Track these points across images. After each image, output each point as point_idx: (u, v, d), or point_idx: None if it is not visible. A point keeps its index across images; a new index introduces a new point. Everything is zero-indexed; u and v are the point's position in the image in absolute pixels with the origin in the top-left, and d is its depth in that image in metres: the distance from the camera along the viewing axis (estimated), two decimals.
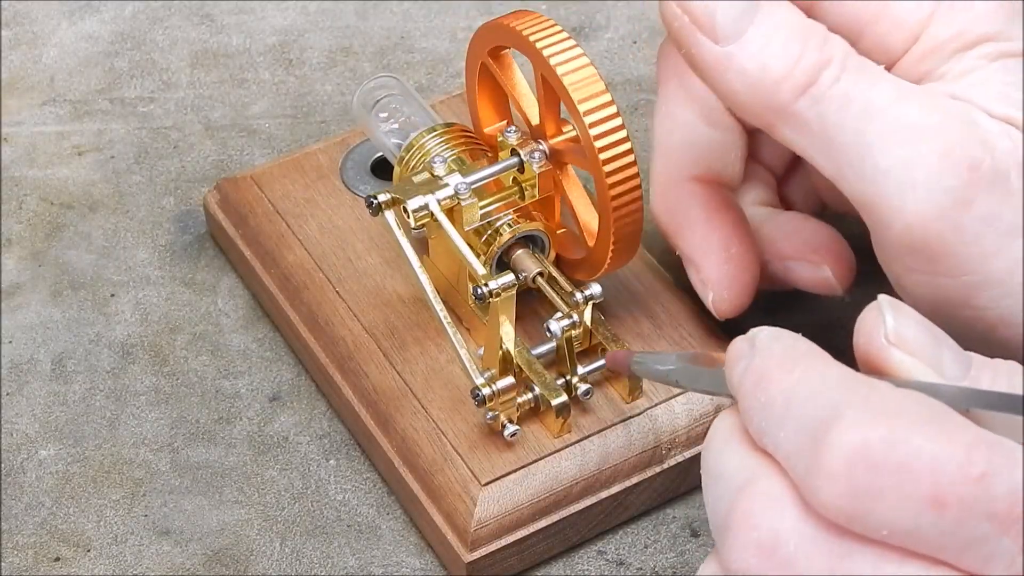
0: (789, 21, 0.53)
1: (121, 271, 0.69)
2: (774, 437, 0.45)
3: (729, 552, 0.45)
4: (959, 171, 0.52)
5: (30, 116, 0.75)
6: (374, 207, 0.60)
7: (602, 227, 0.59)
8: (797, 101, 0.52)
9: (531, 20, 0.58)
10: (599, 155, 0.56)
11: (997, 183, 0.52)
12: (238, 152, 0.73)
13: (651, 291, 0.64)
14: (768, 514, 0.44)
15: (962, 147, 0.52)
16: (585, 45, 0.58)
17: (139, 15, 0.79)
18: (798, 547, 0.44)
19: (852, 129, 0.52)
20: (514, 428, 0.58)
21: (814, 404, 0.44)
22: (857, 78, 0.53)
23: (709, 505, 0.47)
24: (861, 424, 0.43)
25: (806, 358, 0.46)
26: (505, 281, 0.58)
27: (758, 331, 0.47)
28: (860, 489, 0.42)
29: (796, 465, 0.44)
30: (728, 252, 0.60)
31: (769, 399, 0.45)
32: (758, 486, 0.45)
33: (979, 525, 0.42)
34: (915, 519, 0.42)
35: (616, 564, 0.60)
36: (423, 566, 0.60)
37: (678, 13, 0.53)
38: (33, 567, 0.60)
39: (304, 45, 0.78)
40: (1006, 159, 0.52)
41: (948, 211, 0.52)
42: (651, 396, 0.60)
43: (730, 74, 0.53)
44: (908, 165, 0.52)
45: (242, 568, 0.60)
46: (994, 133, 0.52)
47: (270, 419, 0.64)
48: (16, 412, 0.64)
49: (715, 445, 0.47)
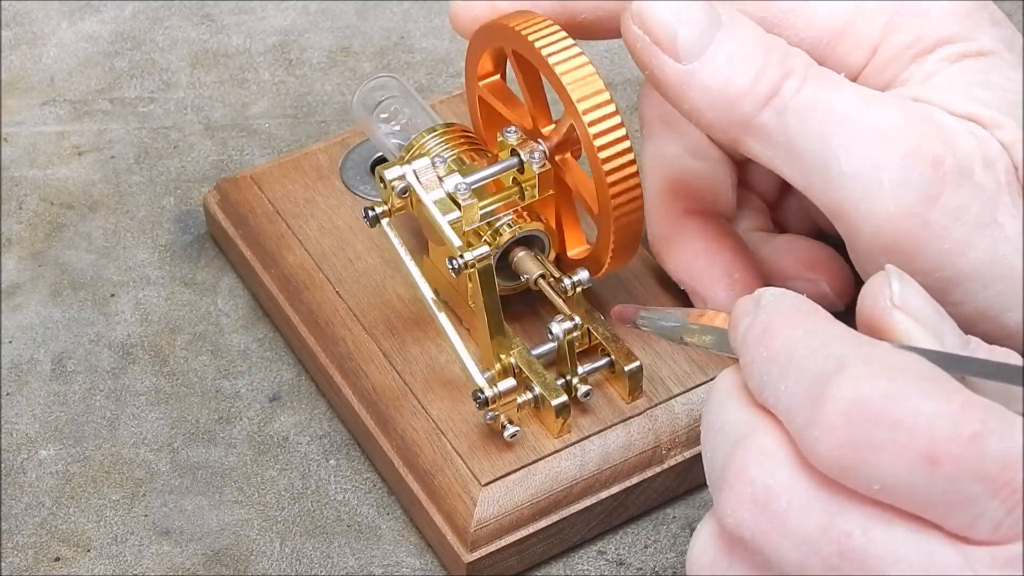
0: (750, 37, 0.54)
1: (121, 271, 0.69)
2: (775, 390, 0.46)
3: (723, 506, 0.46)
4: (923, 168, 0.53)
5: (30, 116, 0.75)
6: (370, 218, 0.60)
7: (602, 227, 0.59)
8: (761, 113, 0.53)
9: (531, 21, 0.58)
10: (599, 155, 0.56)
11: (962, 178, 0.53)
12: (238, 152, 0.73)
13: (651, 291, 0.64)
14: (763, 469, 0.45)
15: (925, 146, 0.53)
16: (585, 45, 0.58)
17: (139, 15, 0.79)
18: (791, 502, 0.45)
19: (816, 137, 0.53)
20: (514, 429, 0.58)
21: (816, 358, 0.45)
22: (819, 87, 0.53)
23: (707, 460, 0.48)
24: (861, 378, 0.44)
25: (810, 315, 0.47)
26: (480, 252, 0.58)
27: (764, 290, 0.48)
28: (856, 441, 0.43)
29: (795, 417, 0.45)
30: (732, 278, 0.61)
31: (772, 353, 0.46)
32: (755, 441, 0.46)
33: (970, 485, 0.43)
34: (908, 475, 0.43)
35: (616, 564, 0.60)
36: (423, 566, 0.60)
37: (639, 34, 0.54)
38: (33, 567, 0.60)
39: (304, 45, 0.78)
40: (969, 155, 0.53)
41: (915, 208, 0.53)
42: (651, 396, 0.60)
43: (693, 91, 0.53)
44: (873, 167, 0.53)
45: (242, 568, 0.60)
46: (956, 131, 0.54)
47: (270, 419, 0.64)
48: (16, 412, 0.64)
49: (715, 400, 0.48)
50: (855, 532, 0.44)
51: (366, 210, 0.60)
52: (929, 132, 0.53)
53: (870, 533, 0.44)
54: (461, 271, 0.58)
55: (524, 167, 0.60)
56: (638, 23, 0.54)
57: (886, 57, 0.56)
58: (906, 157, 0.53)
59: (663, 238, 0.62)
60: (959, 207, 0.53)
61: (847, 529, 0.44)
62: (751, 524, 0.45)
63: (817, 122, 0.53)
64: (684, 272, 0.61)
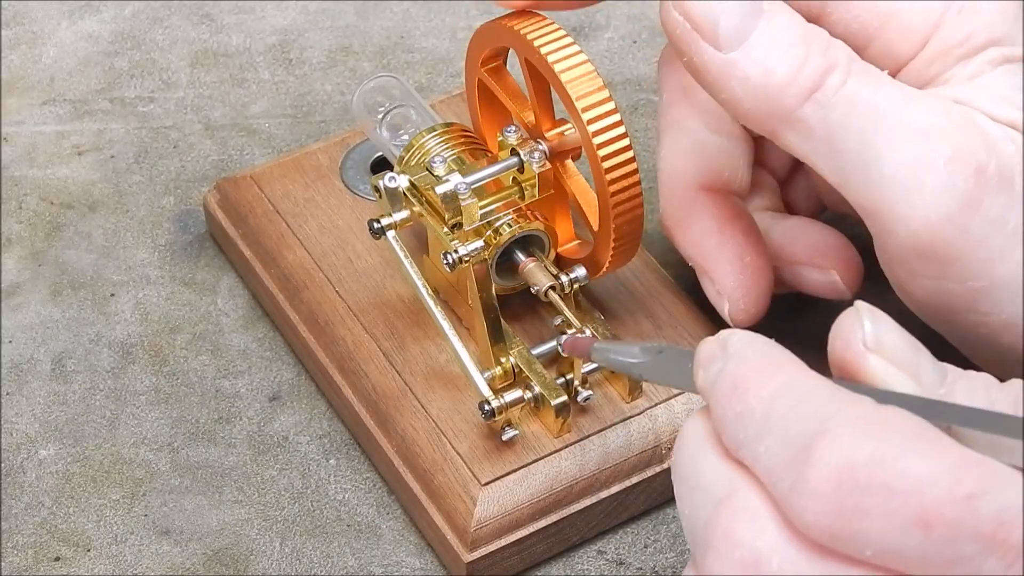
0: (792, 26, 0.52)
1: (121, 271, 0.69)
2: (752, 450, 0.44)
3: (711, 569, 0.44)
4: (966, 174, 0.51)
5: (30, 116, 0.75)
6: (375, 230, 0.60)
7: (602, 227, 0.59)
8: (802, 107, 0.52)
9: (530, 20, 0.58)
10: (599, 154, 0.56)
11: (1002, 186, 0.52)
12: (238, 152, 0.73)
13: (651, 291, 0.64)
14: (749, 531, 0.43)
15: (968, 150, 0.51)
16: (585, 45, 0.58)
17: (139, 15, 0.79)
18: (781, 566, 0.43)
19: (857, 134, 0.52)
20: (513, 432, 0.59)
21: (796, 417, 0.43)
22: (862, 82, 0.52)
23: (685, 515, 0.46)
24: (848, 441, 0.42)
25: (783, 367, 0.45)
26: (473, 247, 0.58)
27: (729, 334, 0.46)
28: (846, 508, 0.42)
29: (778, 481, 0.43)
30: (742, 261, 0.59)
31: (746, 409, 0.44)
32: (738, 501, 0.44)
33: (965, 546, 0.41)
34: (901, 539, 0.42)
35: (616, 564, 0.60)
36: (423, 566, 0.60)
37: (680, 20, 0.52)
38: (33, 567, 0.60)
39: (304, 45, 0.78)
40: (1010, 163, 0.52)
41: (955, 214, 0.51)
42: (651, 396, 0.60)
43: (733, 81, 0.52)
44: (915, 169, 0.51)
45: (242, 568, 0.60)
46: (998, 137, 0.52)
47: (270, 419, 0.64)
48: (16, 412, 0.64)
49: (688, 452, 0.46)
50: None
51: (371, 222, 0.60)
52: (972, 136, 0.52)
53: None
54: (456, 266, 0.58)
55: (524, 167, 0.60)
56: (679, 9, 0.52)
57: (934, 52, 0.54)
58: (950, 162, 0.51)
59: (676, 212, 0.60)
60: (998, 216, 0.51)
61: None
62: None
63: (858, 119, 0.51)
64: (695, 249, 0.60)
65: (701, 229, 0.60)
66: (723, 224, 0.60)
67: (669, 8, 0.53)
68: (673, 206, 0.60)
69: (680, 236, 0.61)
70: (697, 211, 0.60)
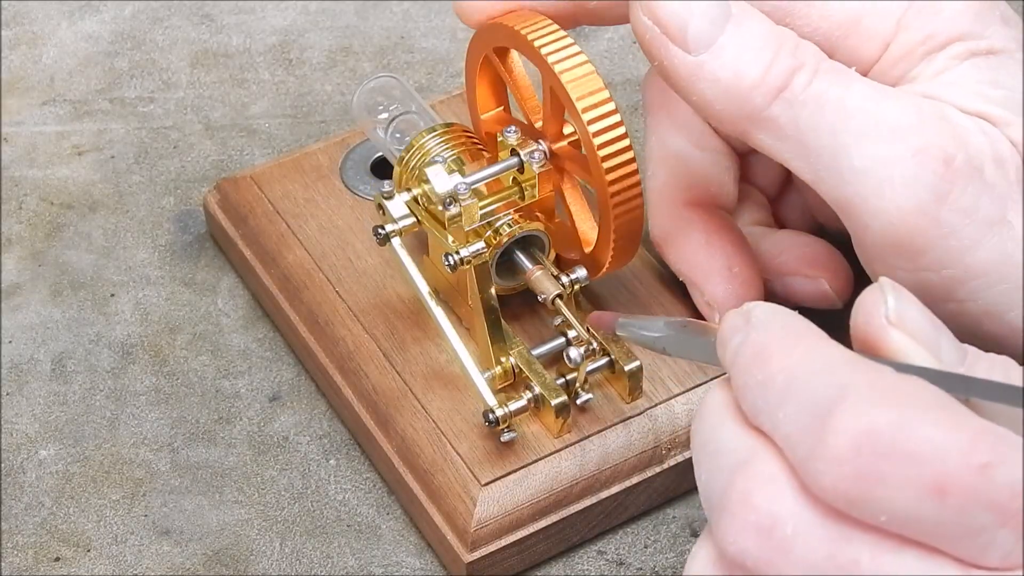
0: (760, 29, 0.53)
1: (121, 271, 0.69)
2: (771, 417, 0.45)
3: (725, 532, 0.45)
4: (934, 166, 0.52)
5: (30, 116, 0.75)
6: (381, 237, 0.60)
7: (602, 227, 0.59)
8: (771, 106, 0.53)
9: (530, 21, 0.58)
10: (599, 154, 0.56)
11: (972, 176, 0.53)
12: (238, 152, 0.73)
13: (651, 291, 0.64)
14: (766, 496, 0.44)
15: (936, 143, 0.52)
16: (585, 45, 0.58)
17: (139, 15, 0.79)
18: (796, 530, 0.44)
19: (827, 131, 0.53)
20: (512, 434, 0.59)
21: (817, 385, 0.44)
22: (831, 80, 0.53)
23: (702, 481, 0.47)
24: (867, 408, 0.43)
25: (806, 337, 0.45)
26: (475, 249, 0.58)
27: (753, 306, 0.47)
28: (863, 474, 0.42)
29: (796, 447, 0.44)
30: (731, 272, 0.60)
31: (767, 377, 0.45)
32: (756, 466, 0.45)
33: (979, 515, 0.42)
34: (916, 506, 0.42)
35: (616, 564, 0.60)
36: (423, 566, 0.60)
37: (648, 24, 0.53)
38: (33, 567, 0.60)
39: (304, 45, 0.78)
40: (979, 153, 0.53)
41: (926, 205, 0.52)
42: (651, 396, 0.60)
43: (703, 83, 0.53)
44: (885, 163, 0.52)
45: (242, 568, 0.60)
46: (967, 129, 0.53)
47: (270, 419, 0.64)
48: (16, 412, 0.64)
49: (708, 420, 0.47)
50: (863, 559, 0.43)
51: (376, 228, 0.60)
52: (941, 129, 0.53)
53: (878, 560, 0.43)
54: (457, 267, 0.58)
55: (524, 167, 0.60)
56: (648, 13, 0.53)
57: (897, 53, 0.55)
58: (918, 154, 0.52)
59: (664, 228, 0.61)
60: (969, 205, 0.53)
61: (855, 556, 0.43)
62: (755, 551, 0.44)
63: (828, 116, 0.52)
64: (684, 263, 0.61)
65: (689, 242, 0.61)
66: (711, 236, 0.61)
67: (637, 11, 0.53)
68: (661, 221, 0.62)
69: (670, 252, 0.62)
70: (685, 226, 0.61)
